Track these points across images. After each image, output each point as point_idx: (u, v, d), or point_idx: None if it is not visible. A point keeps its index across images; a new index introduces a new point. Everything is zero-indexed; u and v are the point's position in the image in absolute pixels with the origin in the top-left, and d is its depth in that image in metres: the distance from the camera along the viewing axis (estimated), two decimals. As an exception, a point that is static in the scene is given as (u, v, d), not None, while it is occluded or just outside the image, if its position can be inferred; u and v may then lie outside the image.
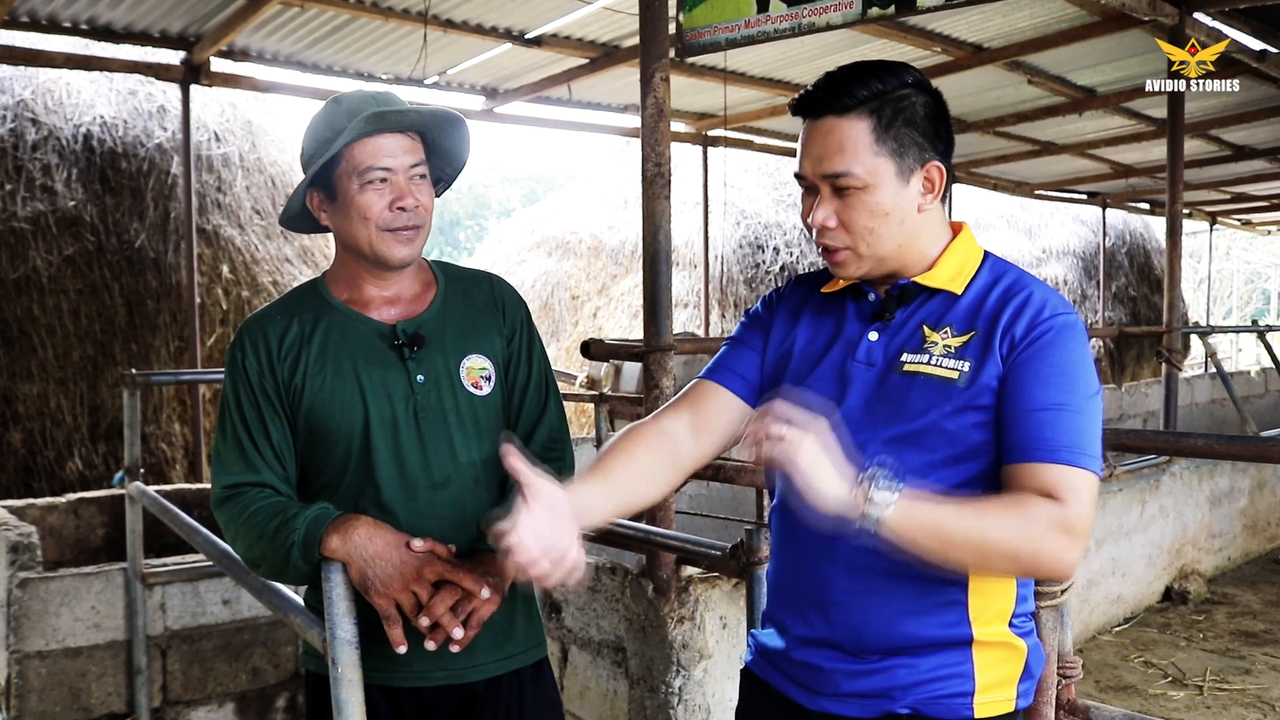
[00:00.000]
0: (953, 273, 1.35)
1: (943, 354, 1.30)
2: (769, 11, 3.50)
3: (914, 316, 1.35)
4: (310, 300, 1.64)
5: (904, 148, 1.30)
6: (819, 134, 1.32)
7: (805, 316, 1.45)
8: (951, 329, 1.31)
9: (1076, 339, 1.27)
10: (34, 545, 3.20)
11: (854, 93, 1.29)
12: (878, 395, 1.32)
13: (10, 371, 6.17)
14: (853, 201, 1.31)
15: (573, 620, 2.91)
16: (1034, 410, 1.23)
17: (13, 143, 6.51)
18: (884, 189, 1.30)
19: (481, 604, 1.46)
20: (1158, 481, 5.14)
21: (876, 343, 1.35)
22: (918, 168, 1.32)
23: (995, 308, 1.30)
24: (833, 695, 1.35)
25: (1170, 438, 1.76)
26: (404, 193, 1.55)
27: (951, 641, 1.31)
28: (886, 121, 1.29)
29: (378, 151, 1.54)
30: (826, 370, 1.38)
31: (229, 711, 3.45)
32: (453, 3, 5.40)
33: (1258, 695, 3.93)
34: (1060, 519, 1.18)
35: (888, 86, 1.30)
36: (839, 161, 1.30)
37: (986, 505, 1.20)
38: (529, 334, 1.72)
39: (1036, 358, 1.25)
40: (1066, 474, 1.20)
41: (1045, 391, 1.23)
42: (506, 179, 37.41)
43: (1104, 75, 6.99)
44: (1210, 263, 17.73)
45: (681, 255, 11.31)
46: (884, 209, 1.31)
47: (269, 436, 1.57)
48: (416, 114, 1.56)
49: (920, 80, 1.34)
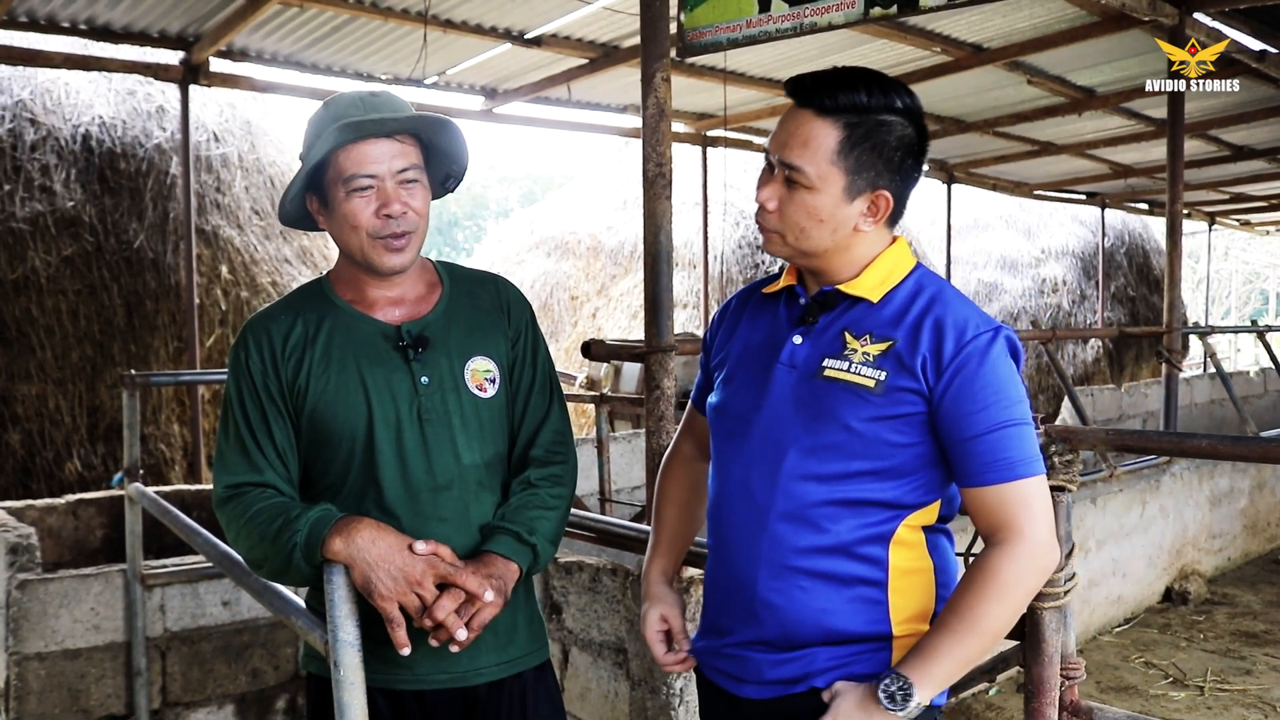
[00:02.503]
0: (874, 282, 1.40)
1: (861, 361, 1.35)
2: (771, 11, 3.49)
3: (836, 323, 1.41)
4: (315, 300, 1.63)
5: (860, 169, 1.35)
6: (794, 121, 1.37)
7: (745, 319, 1.53)
8: (870, 337, 1.37)
9: (999, 354, 1.33)
10: (33, 547, 3.19)
11: (839, 98, 1.33)
12: (797, 398, 1.38)
13: (9, 372, 6.16)
14: (796, 195, 1.36)
15: (574, 622, 2.90)
16: (979, 435, 1.30)
17: (11, 143, 6.50)
18: (826, 197, 1.35)
19: (485, 606, 1.46)
20: (1158, 482, 5.14)
21: (800, 346, 1.41)
22: (867, 190, 1.36)
23: (916, 321, 1.35)
24: (756, 682, 1.42)
25: (1171, 438, 1.75)
26: (389, 199, 1.53)
27: (872, 636, 1.37)
28: (856, 139, 1.34)
29: (362, 159, 1.51)
30: (753, 370, 1.45)
31: (229, 713, 3.45)
32: (452, 3, 5.40)
33: (1258, 696, 3.93)
34: (1021, 555, 1.30)
35: (873, 104, 1.33)
36: (797, 155, 1.35)
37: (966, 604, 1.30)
38: (533, 336, 1.72)
39: (969, 382, 1.31)
40: (1019, 489, 1.30)
41: (985, 414, 1.30)
42: (505, 179, 37.42)
43: (1103, 75, 7.00)
44: (1209, 263, 17.75)
45: (681, 255, 11.31)
46: (820, 214, 1.36)
47: (272, 436, 1.56)
48: (395, 121, 1.53)
49: (911, 109, 1.37)
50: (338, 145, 1.51)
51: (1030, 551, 1.30)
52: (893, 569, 1.37)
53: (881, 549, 1.36)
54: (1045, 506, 1.33)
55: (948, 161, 10.36)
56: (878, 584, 1.36)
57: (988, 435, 1.30)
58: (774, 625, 1.38)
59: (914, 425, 1.33)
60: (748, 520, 1.40)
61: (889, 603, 1.37)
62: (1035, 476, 1.31)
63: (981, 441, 1.30)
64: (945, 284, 1.41)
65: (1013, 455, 1.30)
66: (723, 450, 1.48)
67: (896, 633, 1.37)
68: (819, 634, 1.37)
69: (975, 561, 1.35)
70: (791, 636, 1.38)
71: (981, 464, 1.31)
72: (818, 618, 1.36)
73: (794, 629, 1.37)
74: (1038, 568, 1.31)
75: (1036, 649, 1.54)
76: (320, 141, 1.51)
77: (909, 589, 1.38)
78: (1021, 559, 1.29)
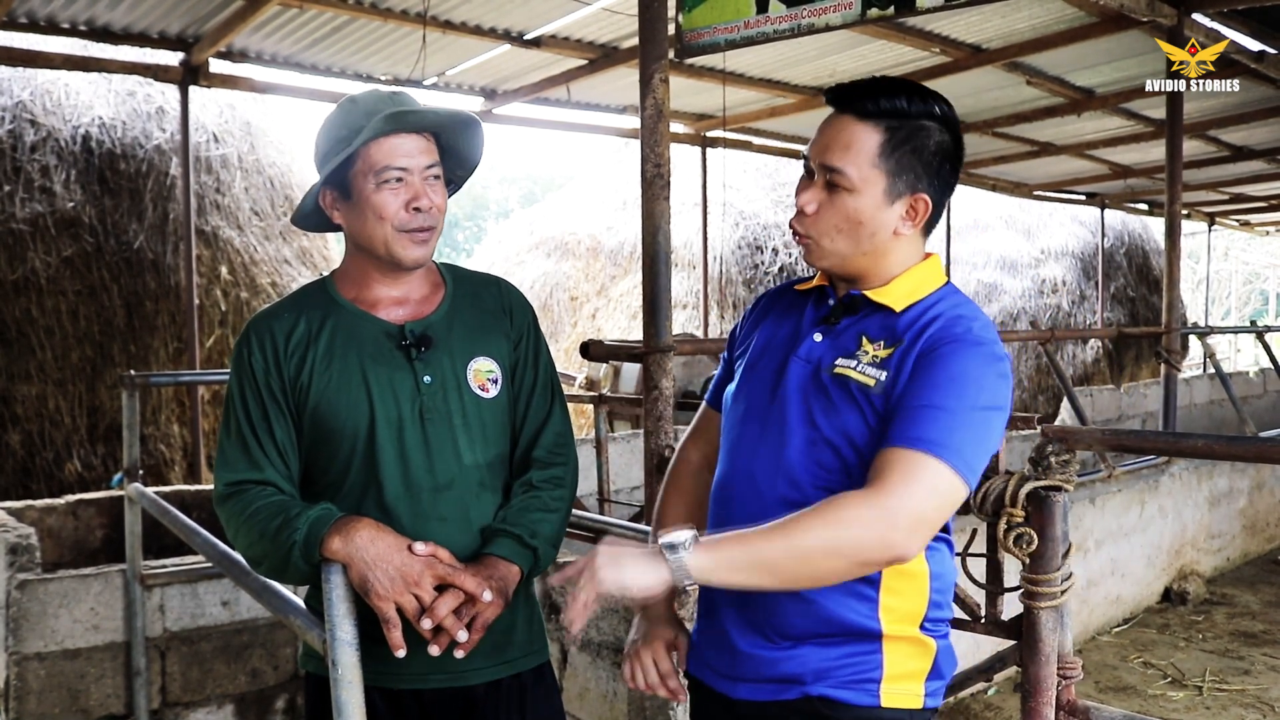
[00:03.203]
0: (901, 293, 1.42)
1: (869, 362, 1.38)
2: (768, 12, 3.50)
3: (855, 326, 1.43)
4: (318, 298, 1.64)
5: (901, 171, 1.37)
6: (835, 127, 1.39)
7: (772, 314, 1.55)
8: (883, 343, 1.39)
9: (978, 356, 1.32)
10: (33, 547, 3.19)
11: (879, 103, 1.36)
12: (806, 391, 1.40)
13: (9, 373, 6.17)
14: (837, 199, 1.38)
15: (572, 621, 2.91)
16: (913, 406, 1.29)
17: (11, 144, 6.50)
18: (867, 199, 1.37)
19: (485, 607, 1.46)
20: (1157, 482, 5.14)
21: (819, 344, 1.44)
22: (906, 194, 1.39)
23: (922, 326, 1.37)
24: (752, 680, 1.42)
25: (1168, 438, 1.76)
26: (419, 193, 1.55)
27: (862, 631, 1.38)
28: (896, 142, 1.36)
29: (395, 151, 1.54)
30: (771, 362, 1.47)
31: (228, 713, 3.45)
32: (452, 4, 5.41)
33: (1257, 696, 3.93)
34: (873, 504, 1.23)
35: (913, 110, 1.37)
36: (839, 158, 1.37)
37: (796, 517, 1.25)
38: (536, 339, 1.72)
39: (931, 365, 1.31)
40: (912, 459, 1.25)
41: (930, 393, 1.29)
42: (505, 180, 37.39)
43: (1102, 76, 7.00)
44: (1209, 263, 17.76)
45: (680, 256, 11.32)
46: (860, 217, 1.38)
47: (273, 434, 1.57)
48: (434, 115, 1.56)
49: (948, 117, 1.40)
50: (375, 136, 1.53)
51: (884, 512, 1.22)
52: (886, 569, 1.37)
53: None
54: (930, 494, 1.24)
55: (947, 162, 10.35)
56: (869, 581, 1.37)
57: (922, 408, 1.28)
58: (764, 612, 1.40)
59: None
60: (750, 505, 1.41)
61: (879, 600, 1.37)
62: (938, 460, 1.24)
63: (910, 411, 1.28)
64: (969, 303, 1.41)
65: (929, 434, 1.26)
66: (732, 435, 1.50)
67: (886, 631, 1.38)
68: (810, 624, 1.38)
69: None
70: (782, 627, 1.39)
71: (900, 428, 1.28)
72: (809, 607, 1.37)
73: (784, 618, 1.39)
74: (880, 531, 1.22)
75: (1033, 648, 1.55)
76: (363, 132, 1.52)
77: (901, 590, 1.38)
78: (870, 508, 1.22)
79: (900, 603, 1.38)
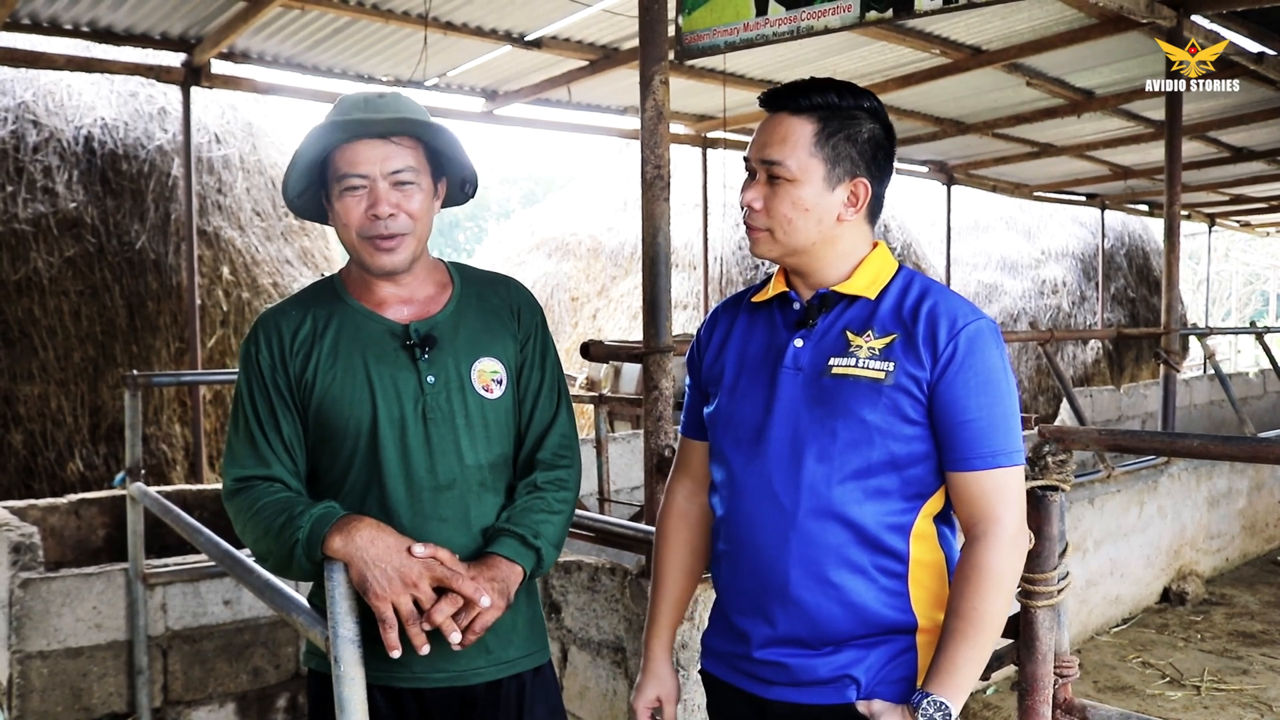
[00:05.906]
0: (867, 281, 1.47)
1: (868, 356, 1.41)
2: (767, 15, 3.51)
3: (836, 323, 1.46)
4: (325, 297, 1.65)
5: (838, 158, 1.43)
6: (771, 124, 1.47)
7: (736, 332, 1.58)
8: (873, 332, 1.43)
9: (990, 342, 1.40)
10: (35, 546, 3.21)
11: (810, 98, 1.43)
12: (808, 398, 1.43)
13: (11, 373, 6.18)
14: (780, 191, 1.44)
15: (573, 621, 2.92)
16: (967, 421, 1.38)
17: (14, 144, 6.51)
18: (809, 187, 1.43)
19: (484, 611, 1.46)
20: (1156, 482, 5.15)
21: (803, 349, 1.46)
22: (846, 179, 1.45)
23: (912, 313, 1.42)
24: (790, 684, 1.45)
25: (1164, 438, 1.77)
26: (379, 200, 1.53)
27: (899, 628, 1.42)
28: (830, 131, 1.43)
29: (354, 159, 1.53)
30: (757, 376, 1.50)
31: (230, 711, 3.46)
32: (453, 5, 5.42)
33: (1255, 695, 3.94)
34: (1003, 542, 1.37)
35: (843, 103, 1.44)
36: (777, 151, 1.44)
37: (969, 605, 1.35)
38: (543, 340, 1.72)
39: (961, 371, 1.38)
40: (995, 478, 1.38)
41: (975, 400, 1.38)
42: (506, 180, 37.38)
43: (1102, 77, 7.01)
44: (1209, 264, 17.75)
45: (681, 257, 11.33)
46: (805, 204, 1.44)
47: (280, 430, 1.58)
48: (379, 121, 1.53)
49: (877, 110, 1.47)
50: (330, 145, 1.53)
51: (1011, 540, 1.38)
52: (912, 561, 1.43)
53: (902, 541, 1.42)
54: (1020, 496, 1.40)
55: (947, 163, 10.37)
56: (899, 576, 1.42)
57: (975, 421, 1.38)
58: (806, 622, 1.42)
59: (920, 412, 1.40)
60: (775, 523, 1.43)
61: (909, 594, 1.43)
62: (1015, 467, 1.39)
63: (968, 427, 1.38)
64: (930, 279, 1.49)
65: (996, 445, 1.38)
66: (731, 459, 1.50)
67: (920, 624, 1.43)
68: (851, 626, 1.41)
69: (963, 559, 1.39)
70: (825, 632, 1.42)
71: (967, 449, 1.38)
72: (850, 610, 1.41)
73: (827, 624, 1.41)
74: (1018, 554, 1.39)
75: (1030, 647, 1.56)
76: (309, 139, 1.52)
77: (925, 579, 1.44)
78: (1005, 548, 1.37)
79: (926, 592, 1.44)
